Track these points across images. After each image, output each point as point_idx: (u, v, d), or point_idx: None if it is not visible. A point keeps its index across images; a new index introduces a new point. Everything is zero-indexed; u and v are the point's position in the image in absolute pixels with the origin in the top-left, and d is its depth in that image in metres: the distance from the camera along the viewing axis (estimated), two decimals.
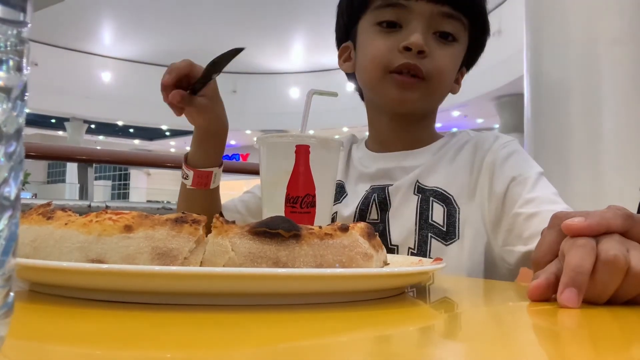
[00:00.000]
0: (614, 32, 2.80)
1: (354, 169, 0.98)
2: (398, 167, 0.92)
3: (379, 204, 0.90)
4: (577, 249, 0.44)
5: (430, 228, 0.86)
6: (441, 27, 0.87)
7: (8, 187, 0.23)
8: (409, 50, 0.84)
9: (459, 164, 0.90)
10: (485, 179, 0.87)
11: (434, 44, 0.86)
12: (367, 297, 0.45)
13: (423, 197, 0.87)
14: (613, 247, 0.44)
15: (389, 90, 0.88)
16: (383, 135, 0.97)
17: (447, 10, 0.86)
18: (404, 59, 0.85)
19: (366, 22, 0.91)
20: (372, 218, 0.90)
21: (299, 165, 0.69)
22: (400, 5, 0.86)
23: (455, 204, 0.86)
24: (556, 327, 0.42)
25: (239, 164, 4.80)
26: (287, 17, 13.17)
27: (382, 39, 0.87)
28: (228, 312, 0.38)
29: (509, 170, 0.85)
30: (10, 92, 0.23)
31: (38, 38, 13.66)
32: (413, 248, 0.86)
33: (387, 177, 0.92)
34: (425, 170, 0.89)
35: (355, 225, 0.46)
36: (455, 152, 0.92)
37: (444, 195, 0.87)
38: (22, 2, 0.23)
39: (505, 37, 8.42)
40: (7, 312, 0.23)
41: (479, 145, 0.91)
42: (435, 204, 0.86)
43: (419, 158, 0.92)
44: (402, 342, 0.35)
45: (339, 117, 14.24)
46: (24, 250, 0.41)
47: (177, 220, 0.41)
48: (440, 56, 0.87)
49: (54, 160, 14.40)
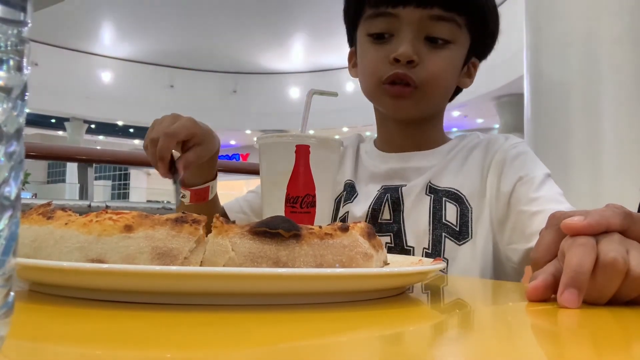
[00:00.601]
0: (614, 32, 2.80)
1: (364, 168, 0.98)
2: (410, 167, 0.92)
3: (391, 204, 0.89)
4: (577, 248, 0.44)
5: (443, 228, 0.85)
6: (431, 32, 0.85)
7: (8, 187, 0.23)
8: (399, 61, 0.84)
9: (471, 165, 0.90)
10: (493, 177, 0.87)
11: (425, 50, 0.85)
12: (367, 297, 0.45)
13: (436, 197, 0.87)
14: (613, 249, 0.44)
15: (383, 100, 0.89)
16: (392, 137, 0.97)
17: (438, 13, 0.84)
18: (394, 69, 0.85)
19: (361, 32, 0.91)
20: (384, 218, 0.89)
21: (299, 165, 0.69)
22: (389, 14, 0.85)
23: (467, 203, 0.86)
24: (556, 327, 0.42)
25: (239, 164, 4.81)
26: (287, 17, 13.17)
27: (373, 51, 0.88)
28: (228, 312, 0.38)
29: (516, 170, 0.85)
30: (10, 91, 0.23)
31: (38, 38, 13.66)
32: (427, 248, 0.86)
33: (399, 177, 0.92)
34: (437, 171, 0.89)
35: (355, 225, 0.46)
36: (466, 153, 0.92)
37: (456, 195, 0.87)
38: (23, 2, 0.23)
39: (505, 37, 8.40)
40: (7, 312, 0.23)
41: (489, 146, 0.91)
42: (448, 203, 0.87)
43: (430, 159, 0.92)
44: (403, 342, 0.35)
45: (339, 117, 14.25)
46: (24, 250, 0.41)
47: (177, 220, 0.41)
48: (432, 62, 0.85)
49: (54, 160, 14.40)
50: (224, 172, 3.11)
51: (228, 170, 3.03)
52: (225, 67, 16.58)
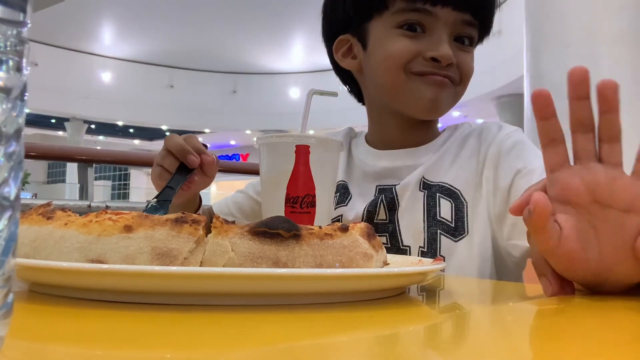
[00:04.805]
0: (614, 32, 2.80)
1: (357, 167, 0.96)
2: (404, 165, 0.91)
3: (387, 204, 0.88)
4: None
5: (439, 225, 0.84)
6: (462, 32, 0.87)
7: (8, 187, 0.23)
8: (437, 61, 0.84)
9: (464, 158, 0.89)
10: (489, 172, 0.86)
11: (456, 51, 0.86)
12: (367, 297, 0.45)
13: (429, 193, 0.86)
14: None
15: (419, 90, 0.85)
16: (388, 135, 0.95)
17: (469, 18, 0.86)
18: (430, 67, 0.84)
19: (383, 23, 0.87)
20: (380, 219, 0.88)
21: (299, 165, 0.69)
22: (426, 11, 0.84)
23: (462, 198, 0.85)
24: (556, 327, 0.42)
25: (239, 164, 4.80)
26: (287, 17, 13.17)
27: (405, 42, 0.85)
28: (228, 312, 0.38)
29: (513, 163, 0.83)
30: (10, 92, 0.23)
31: (38, 38, 13.66)
32: (423, 247, 0.85)
33: (393, 176, 0.91)
34: (430, 167, 0.88)
35: (355, 225, 0.46)
36: (459, 146, 0.91)
37: (450, 190, 0.86)
38: (22, 2, 0.23)
39: (505, 37, 8.43)
40: (7, 312, 0.23)
41: (482, 137, 0.90)
42: (442, 199, 0.85)
43: (423, 155, 0.91)
44: (402, 342, 0.35)
45: (339, 117, 14.24)
46: (24, 250, 0.41)
47: (177, 220, 0.41)
48: (464, 62, 0.87)
49: (54, 160, 14.39)
50: (224, 172, 3.11)
51: (228, 171, 3.03)
52: (225, 67, 16.57)
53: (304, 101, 0.77)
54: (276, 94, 17.05)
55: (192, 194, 0.91)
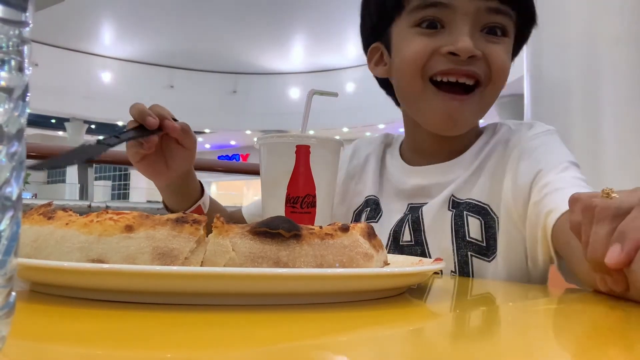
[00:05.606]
0: (614, 32, 2.80)
1: (389, 183, 0.91)
2: (435, 183, 0.85)
3: (412, 224, 0.83)
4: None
5: (469, 246, 0.79)
6: (491, 21, 0.79)
7: (10, 187, 0.23)
8: (456, 55, 0.77)
9: (490, 167, 0.82)
10: (510, 174, 0.79)
11: (484, 42, 0.78)
12: (367, 297, 0.45)
13: (457, 212, 0.80)
14: None
15: (432, 103, 0.79)
16: (421, 146, 0.90)
17: (495, 6, 0.78)
18: (448, 63, 0.77)
19: (402, 25, 0.82)
20: (405, 240, 0.84)
21: (299, 165, 0.69)
22: (442, 5, 0.78)
23: (492, 213, 0.79)
24: (556, 328, 0.42)
25: (239, 164, 4.81)
26: (287, 17, 13.17)
27: (421, 41, 0.79)
28: (228, 312, 0.38)
29: (535, 164, 0.77)
30: (12, 92, 0.23)
31: (38, 38, 13.66)
32: (455, 271, 0.79)
33: (424, 195, 0.85)
34: (460, 184, 0.82)
35: (356, 225, 0.46)
36: (488, 153, 0.84)
37: (478, 206, 0.80)
38: (24, 2, 0.23)
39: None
40: (9, 312, 0.23)
41: (510, 142, 0.83)
42: (470, 217, 0.79)
43: (456, 170, 0.85)
44: (402, 342, 0.35)
45: (339, 117, 14.23)
46: (25, 250, 0.41)
47: (178, 220, 0.41)
48: (496, 54, 0.79)
49: None
50: (224, 172, 3.11)
51: (228, 171, 3.03)
52: (225, 67, 16.57)
53: (304, 101, 0.77)
54: (276, 94, 17.04)
55: (176, 172, 0.85)
